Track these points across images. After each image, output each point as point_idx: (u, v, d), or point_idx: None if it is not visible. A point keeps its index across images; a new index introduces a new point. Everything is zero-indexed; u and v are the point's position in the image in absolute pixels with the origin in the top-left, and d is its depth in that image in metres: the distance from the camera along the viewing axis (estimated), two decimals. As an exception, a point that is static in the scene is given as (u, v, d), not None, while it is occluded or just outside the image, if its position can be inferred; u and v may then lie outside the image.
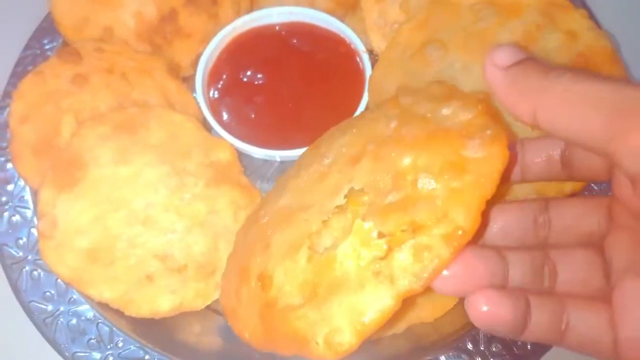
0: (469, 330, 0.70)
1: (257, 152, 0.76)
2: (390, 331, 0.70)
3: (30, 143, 0.72)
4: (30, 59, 0.82)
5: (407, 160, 0.45)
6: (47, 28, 0.82)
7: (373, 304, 0.42)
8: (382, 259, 0.42)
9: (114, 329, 0.68)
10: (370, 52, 0.81)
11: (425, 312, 0.70)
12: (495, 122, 0.45)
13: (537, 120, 0.39)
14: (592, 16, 0.77)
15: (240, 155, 0.75)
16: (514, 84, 0.40)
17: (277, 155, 0.76)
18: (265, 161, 0.80)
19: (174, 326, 0.69)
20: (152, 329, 0.68)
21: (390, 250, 0.42)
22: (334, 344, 0.43)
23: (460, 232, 0.42)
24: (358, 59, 0.81)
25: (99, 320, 0.69)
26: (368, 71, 0.78)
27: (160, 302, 0.68)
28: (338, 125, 0.59)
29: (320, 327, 0.44)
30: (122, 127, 0.71)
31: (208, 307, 0.69)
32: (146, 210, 0.68)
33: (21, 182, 0.75)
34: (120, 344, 0.68)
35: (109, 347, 0.68)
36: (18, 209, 0.74)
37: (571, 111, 0.36)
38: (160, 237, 0.68)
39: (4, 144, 0.76)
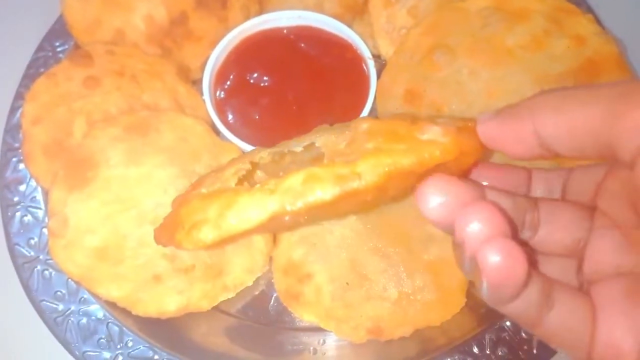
0: (476, 334, 0.70)
1: None
2: (397, 333, 0.70)
3: (42, 144, 0.73)
4: (42, 61, 0.83)
5: (363, 125, 0.47)
6: (59, 30, 0.83)
7: (244, 209, 0.43)
8: (277, 177, 0.43)
9: (124, 328, 0.69)
10: (378, 57, 0.81)
11: (433, 315, 0.70)
12: (469, 133, 0.44)
13: (540, 137, 0.37)
14: (598, 21, 0.78)
15: None
16: (506, 119, 0.39)
17: None
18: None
19: (182, 326, 0.70)
20: (160, 329, 0.69)
21: (287, 172, 0.43)
22: (193, 233, 0.44)
23: (355, 182, 0.42)
24: (364, 65, 0.81)
25: (109, 320, 0.69)
26: (373, 78, 0.78)
27: (167, 302, 0.68)
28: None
29: (194, 215, 0.46)
30: (133, 129, 0.72)
31: (215, 307, 0.70)
32: (155, 211, 0.69)
33: (33, 183, 0.76)
34: (130, 344, 0.68)
35: (118, 346, 0.68)
36: (30, 209, 0.75)
37: (569, 113, 0.36)
38: None
39: (17, 145, 0.76)
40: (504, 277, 0.34)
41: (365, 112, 0.77)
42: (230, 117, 0.80)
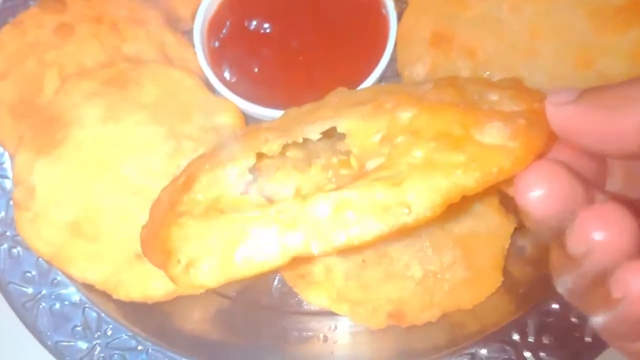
0: (515, 319, 0.61)
1: (263, 113, 0.69)
2: (422, 318, 0.62)
3: (8, 102, 0.68)
4: (11, 10, 0.75)
5: (404, 115, 0.40)
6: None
7: (258, 247, 0.37)
8: (299, 201, 0.37)
9: (103, 315, 0.64)
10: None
11: (464, 297, 0.62)
12: (540, 126, 0.37)
13: None
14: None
15: (246, 118, 0.70)
16: (596, 107, 0.33)
17: None
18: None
19: (170, 312, 0.65)
20: (145, 315, 0.63)
21: (310, 196, 0.37)
22: (192, 271, 0.39)
23: (403, 216, 0.35)
24: (382, 6, 0.72)
25: (86, 305, 0.64)
26: (393, 20, 0.70)
27: (153, 284, 0.62)
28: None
29: (191, 243, 0.40)
30: (111, 83, 0.66)
31: (209, 289, 0.62)
32: (137, 177, 0.63)
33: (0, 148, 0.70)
34: (110, 332, 0.63)
35: (96, 335, 0.63)
36: (-5, 178, 0.69)
37: None
38: None
39: (-21, 104, 0.69)
40: None
41: (384, 61, 0.69)
42: (226, 70, 0.72)
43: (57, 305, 0.64)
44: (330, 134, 0.44)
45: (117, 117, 0.64)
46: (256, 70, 0.71)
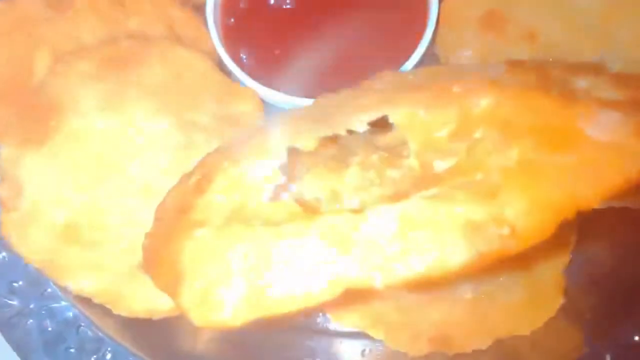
0: (587, 353, 0.55)
1: (285, 101, 0.66)
2: (471, 345, 0.57)
3: None
4: None
5: (481, 102, 0.34)
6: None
7: (299, 272, 0.31)
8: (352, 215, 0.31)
9: (101, 334, 0.60)
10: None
11: (520, 321, 0.57)
12: None
13: None
14: None
15: (267, 107, 0.66)
16: None
17: None
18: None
19: (178, 330, 0.61)
20: (150, 334, 0.60)
21: (366, 208, 0.33)
22: (211, 303, 0.33)
23: (506, 236, 0.29)
24: None
25: (81, 323, 0.60)
26: None
27: (159, 297, 0.56)
28: None
29: (210, 264, 0.34)
30: (112, 64, 0.63)
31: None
32: (143, 176, 0.59)
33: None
34: (109, 356, 0.59)
35: (92, 359, 0.59)
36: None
37: None
38: None
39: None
40: None
41: (423, 44, 0.65)
42: (243, 51, 0.68)
43: (48, 322, 0.60)
44: (379, 126, 0.39)
45: (118, 104, 0.60)
46: (277, 51, 0.68)
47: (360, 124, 0.38)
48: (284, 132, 0.41)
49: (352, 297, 0.31)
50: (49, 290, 0.61)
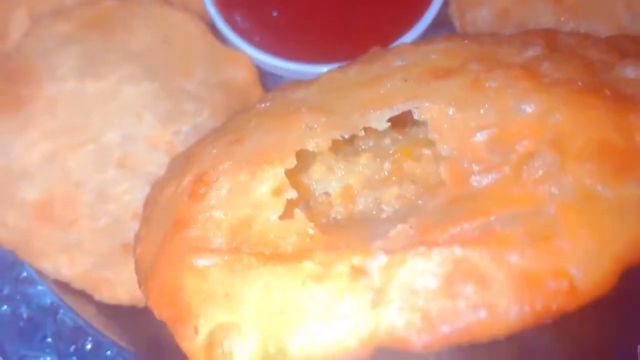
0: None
1: (285, 68, 0.62)
2: None
3: None
4: None
5: (525, 108, 0.30)
6: None
7: (324, 325, 0.27)
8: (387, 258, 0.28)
9: (80, 322, 0.56)
10: None
11: None
12: None
13: None
14: None
15: (262, 74, 0.63)
16: None
17: (314, 72, 0.59)
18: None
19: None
20: (134, 323, 0.56)
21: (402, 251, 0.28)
22: (219, 353, 0.29)
23: (564, 291, 0.25)
24: None
25: (59, 310, 0.57)
26: None
27: None
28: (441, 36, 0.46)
29: (217, 306, 0.30)
30: (93, 26, 0.60)
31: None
32: (124, 147, 0.55)
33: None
34: (89, 346, 0.55)
35: (71, 349, 0.55)
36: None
37: None
38: (143, 187, 0.54)
39: None
40: None
41: (435, 4, 0.61)
42: (237, 13, 0.65)
43: (23, 310, 0.57)
44: (401, 123, 0.35)
45: (100, 71, 0.57)
46: (275, 13, 0.65)
47: (381, 123, 0.34)
48: (291, 126, 0.36)
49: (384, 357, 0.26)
50: (24, 274, 0.58)
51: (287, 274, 0.28)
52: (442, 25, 0.62)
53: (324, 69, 0.58)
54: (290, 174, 0.34)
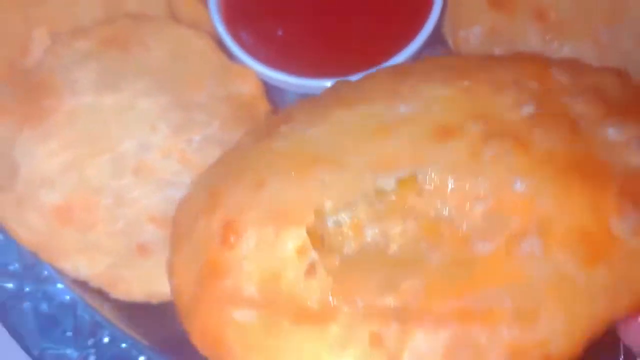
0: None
1: (290, 83, 0.65)
2: None
3: None
4: None
5: (517, 184, 0.33)
6: None
7: None
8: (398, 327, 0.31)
9: (98, 318, 0.59)
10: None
11: None
12: None
13: None
14: None
15: (268, 88, 0.65)
16: None
17: (317, 87, 0.63)
18: (301, 96, 0.67)
19: (178, 315, 0.57)
20: (149, 319, 0.58)
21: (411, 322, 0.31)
22: None
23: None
24: None
25: (78, 306, 0.59)
26: None
27: (158, 280, 0.56)
28: (439, 59, 0.49)
29: (259, 356, 0.35)
30: (109, 44, 0.62)
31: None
32: (139, 156, 0.58)
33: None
34: (106, 340, 0.58)
35: (89, 342, 0.58)
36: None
37: None
38: (157, 192, 0.58)
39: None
40: None
41: (431, 21, 0.64)
42: (244, 32, 0.68)
43: (44, 306, 0.60)
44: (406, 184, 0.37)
45: (117, 85, 0.60)
46: (280, 32, 0.67)
47: (389, 184, 0.36)
48: (307, 186, 0.38)
49: None
50: (46, 273, 0.60)
51: (316, 337, 0.32)
52: (437, 45, 0.65)
53: (327, 83, 0.61)
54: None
